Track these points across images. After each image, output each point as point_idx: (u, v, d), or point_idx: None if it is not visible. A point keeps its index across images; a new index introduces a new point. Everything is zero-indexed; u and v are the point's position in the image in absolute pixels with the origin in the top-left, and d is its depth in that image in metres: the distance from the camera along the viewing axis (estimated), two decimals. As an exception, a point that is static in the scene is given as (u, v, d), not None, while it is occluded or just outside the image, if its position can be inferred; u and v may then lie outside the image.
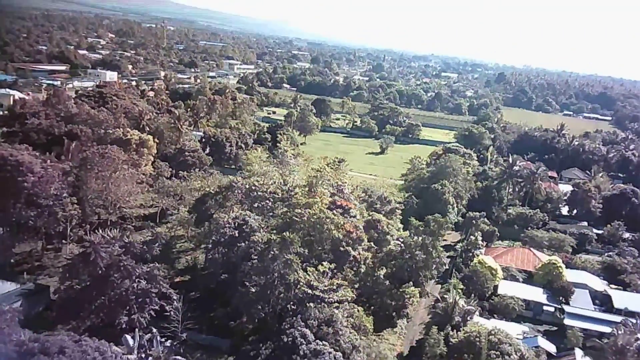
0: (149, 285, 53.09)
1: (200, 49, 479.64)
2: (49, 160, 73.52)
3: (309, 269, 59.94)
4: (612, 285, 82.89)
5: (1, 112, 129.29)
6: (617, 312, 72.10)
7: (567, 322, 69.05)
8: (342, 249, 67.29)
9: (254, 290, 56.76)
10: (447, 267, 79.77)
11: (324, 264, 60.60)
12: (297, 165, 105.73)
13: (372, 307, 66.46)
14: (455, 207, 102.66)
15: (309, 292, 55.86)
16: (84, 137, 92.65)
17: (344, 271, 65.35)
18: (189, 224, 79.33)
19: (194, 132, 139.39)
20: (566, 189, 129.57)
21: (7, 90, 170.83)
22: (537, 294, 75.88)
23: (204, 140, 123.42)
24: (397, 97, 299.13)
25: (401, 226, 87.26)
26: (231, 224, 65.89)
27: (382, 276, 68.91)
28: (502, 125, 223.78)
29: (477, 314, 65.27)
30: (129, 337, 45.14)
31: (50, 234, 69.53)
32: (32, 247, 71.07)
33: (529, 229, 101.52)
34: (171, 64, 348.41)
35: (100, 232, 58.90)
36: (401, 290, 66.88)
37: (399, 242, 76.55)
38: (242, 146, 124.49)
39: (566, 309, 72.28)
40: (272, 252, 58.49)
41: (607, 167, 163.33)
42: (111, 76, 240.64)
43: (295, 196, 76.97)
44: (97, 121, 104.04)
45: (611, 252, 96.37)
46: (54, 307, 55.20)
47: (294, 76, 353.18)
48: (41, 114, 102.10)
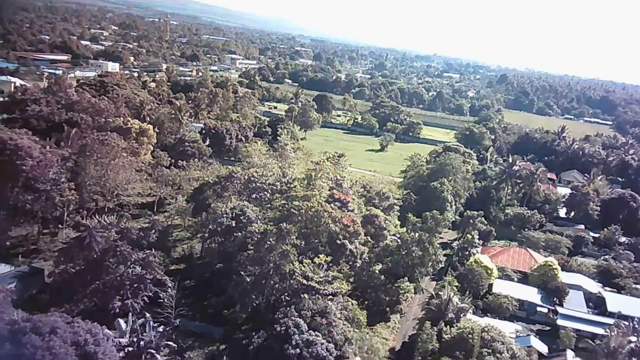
0: (144, 271, 53.10)
1: (202, 42, 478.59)
2: (48, 146, 73.46)
3: (304, 260, 60.07)
4: (607, 288, 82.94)
5: (2, 98, 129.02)
6: (611, 315, 72.01)
7: (560, 322, 69.16)
8: (338, 242, 67.53)
9: (248, 279, 56.86)
10: (443, 265, 79.81)
11: (320, 257, 60.79)
12: (297, 159, 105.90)
13: (366, 301, 66.62)
14: (453, 206, 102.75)
15: (304, 283, 56.02)
16: (84, 124, 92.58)
17: (339, 264, 65.39)
18: (186, 214, 79.28)
19: (194, 123, 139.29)
20: (565, 191, 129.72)
21: (9, 77, 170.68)
22: (531, 294, 75.94)
23: (204, 131, 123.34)
24: (399, 95, 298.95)
25: (399, 222, 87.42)
26: (228, 214, 66.04)
27: (377, 271, 68.97)
28: (502, 126, 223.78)
29: (470, 311, 65.33)
30: (121, 321, 45.18)
31: (47, 219, 69.58)
32: (29, 231, 70.99)
33: (526, 229, 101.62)
34: (173, 57, 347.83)
35: (97, 218, 58.91)
36: (396, 285, 67.02)
37: (396, 238, 76.73)
38: (242, 139, 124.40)
39: (560, 310, 72.35)
40: (268, 243, 58.58)
41: (607, 171, 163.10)
42: (113, 67, 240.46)
43: (293, 189, 77.12)
44: (98, 109, 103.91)
45: (607, 256, 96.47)
46: (48, 289, 55.23)
47: (296, 72, 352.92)
48: (42, 101, 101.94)
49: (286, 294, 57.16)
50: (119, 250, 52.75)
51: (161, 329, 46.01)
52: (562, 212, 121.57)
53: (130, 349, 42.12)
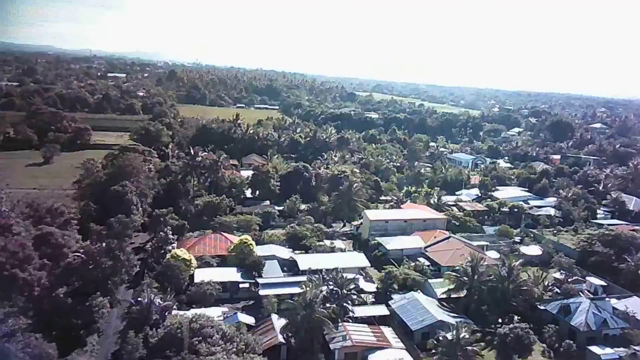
0: None
1: None
2: None
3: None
4: (297, 251, 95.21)
5: None
6: (303, 272, 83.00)
7: (261, 292, 76.30)
8: (6, 272, 59.06)
9: None
10: (138, 269, 78.08)
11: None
12: None
13: (54, 331, 60.16)
14: (140, 207, 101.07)
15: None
16: None
17: (11, 299, 57.21)
18: None
19: None
20: (247, 173, 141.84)
21: None
22: (232, 275, 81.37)
23: None
24: (58, 101, 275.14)
25: (80, 237, 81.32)
26: None
27: (62, 294, 62.97)
28: (179, 121, 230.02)
29: (175, 307, 66.03)
30: None
31: None
32: None
33: (218, 215, 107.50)
34: None
35: None
36: (87, 304, 62.63)
37: (80, 253, 71.29)
38: None
39: (259, 281, 79.63)
40: None
41: (280, 150, 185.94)
42: None
43: None
44: None
45: (292, 224, 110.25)
46: None
47: None
48: None
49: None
50: None
51: None
52: (249, 193, 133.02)
53: None
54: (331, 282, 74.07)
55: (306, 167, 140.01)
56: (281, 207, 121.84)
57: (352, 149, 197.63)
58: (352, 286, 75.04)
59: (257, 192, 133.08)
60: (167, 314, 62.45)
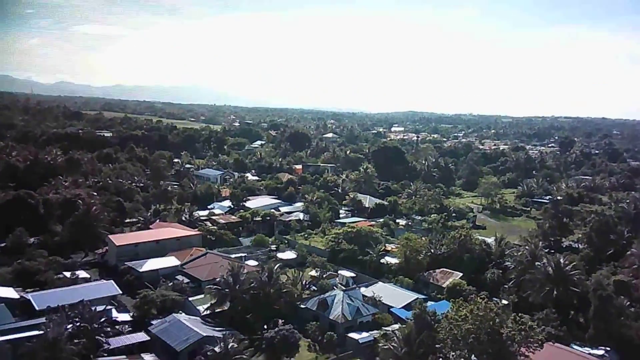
0: None
1: None
2: None
3: None
4: (29, 289, 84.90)
5: None
6: (42, 313, 74.18)
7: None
8: None
9: None
10: None
11: None
12: None
13: None
14: None
15: None
16: None
17: None
18: None
19: None
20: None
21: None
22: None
23: None
24: None
25: None
26: None
27: None
28: None
29: None
30: None
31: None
32: None
33: None
34: None
35: None
36: None
37: None
38: None
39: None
40: None
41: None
42: None
43: None
44: None
45: (21, 260, 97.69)
46: None
47: None
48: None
49: None
50: None
51: None
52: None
53: None
54: (77, 318, 68.48)
55: (30, 194, 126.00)
56: (3, 244, 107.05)
57: (85, 171, 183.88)
58: (103, 319, 70.56)
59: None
60: None
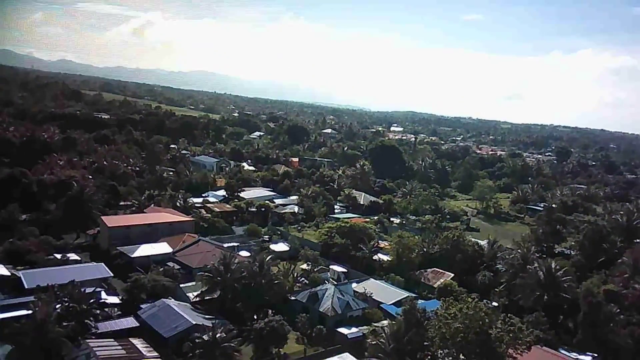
0: None
1: None
2: None
3: None
4: (20, 267, 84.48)
5: None
6: (30, 292, 73.73)
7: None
8: None
9: None
10: None
11: None
12: None
13: None
14: None
15: None
16: None
17: None
18: None
19: None
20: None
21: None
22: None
23: None
24: None
25: None
26: None
27: None
28: None
29: None
30: None
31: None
32: None
33: None
34: None
35: None
36: None
37: None
38: None
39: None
40: None
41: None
42: None
43: None
44: None
45: (12, 239, 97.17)
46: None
47: None
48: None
49: None
50: None
51: None
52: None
53: None
54: (66, 299, 68.13)
55: (24, 173, 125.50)
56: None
57: (81, 150, 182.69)
58: (92, 300, 70.28)
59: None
60: None
